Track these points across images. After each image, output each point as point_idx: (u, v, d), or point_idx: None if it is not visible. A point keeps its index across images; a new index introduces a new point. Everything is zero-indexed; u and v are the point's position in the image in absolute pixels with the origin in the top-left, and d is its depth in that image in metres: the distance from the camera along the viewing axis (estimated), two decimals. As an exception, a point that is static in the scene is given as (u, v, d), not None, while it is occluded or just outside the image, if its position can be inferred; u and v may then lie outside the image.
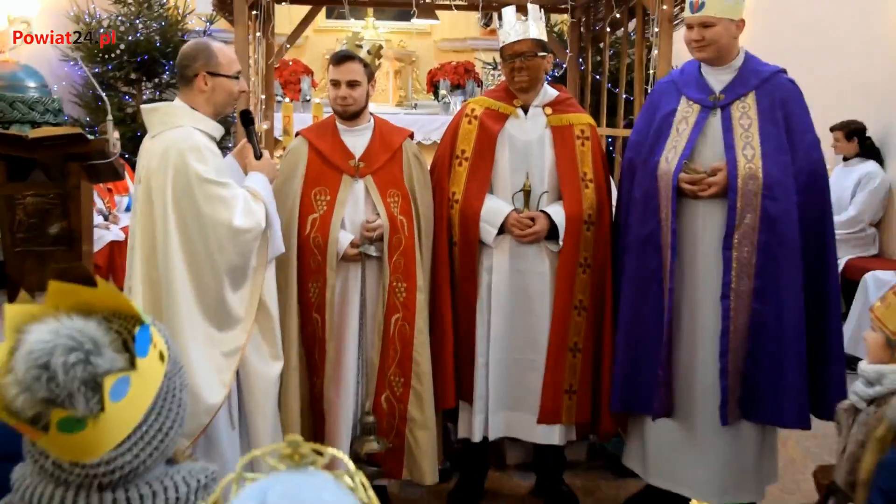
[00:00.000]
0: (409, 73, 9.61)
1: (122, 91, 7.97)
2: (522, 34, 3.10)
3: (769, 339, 2.86)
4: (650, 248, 3.02)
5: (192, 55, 2.64)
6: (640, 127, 3.20)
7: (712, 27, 2.88)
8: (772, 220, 2.83)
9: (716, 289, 2.91)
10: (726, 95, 2.96)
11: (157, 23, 7.83)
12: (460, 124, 3.26)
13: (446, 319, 3.19)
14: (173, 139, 2.54)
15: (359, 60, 3.03)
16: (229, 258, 2.56)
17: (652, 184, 3.01)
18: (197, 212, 2.51)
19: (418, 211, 3.13)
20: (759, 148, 2.87)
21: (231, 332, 2.61)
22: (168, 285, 2.51)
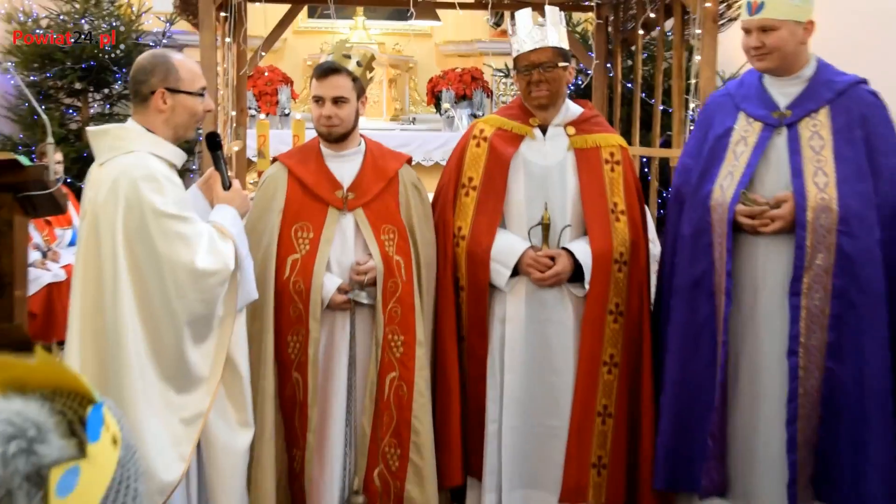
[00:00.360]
0: (406, 82, 9.70)
1: (64, 104, 8.02)
2: (540, 41, 3.16)
3: (848, 404, 2.84)
4: (701, 293, 3.02)
5: (148, 69, 2.67)
6: (690, 149, 3.23)
7: (774, 31, 2.89)
8: (849, 260, 2.82)
9: (781, 343, 2.90)
10: (794, 111, 2.96)
11: (106, 23, 7.90)
12: (467, 147, 3.31)
13: (452, 379, 3.21)
14: (125, 167, 2.57)
15: (346, 73, 3.07)
16: (191, 306, 2.57)
17: (704, 217, 3.02)
18: (152, 251, 2.53)
19: (417, 250, 3.16)
20: (834, 174, 2.86)
21: (192, 394, 2.62)
22: (116, 339, 2.52)
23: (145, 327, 2.55)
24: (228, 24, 5.03)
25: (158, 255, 2.53)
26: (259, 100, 8.69)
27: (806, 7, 2.90)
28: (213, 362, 2.66)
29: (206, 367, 2.64)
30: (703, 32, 4.34)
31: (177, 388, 2.60)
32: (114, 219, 2.53)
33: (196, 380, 2.63)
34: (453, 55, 9.80)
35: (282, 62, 9.37)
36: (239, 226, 2.79)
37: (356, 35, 9.32)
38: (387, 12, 9.26)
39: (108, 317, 2.53)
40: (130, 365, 2.51)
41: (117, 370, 2.52)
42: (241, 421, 2.78)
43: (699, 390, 3.01)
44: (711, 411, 2.96)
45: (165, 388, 2.58)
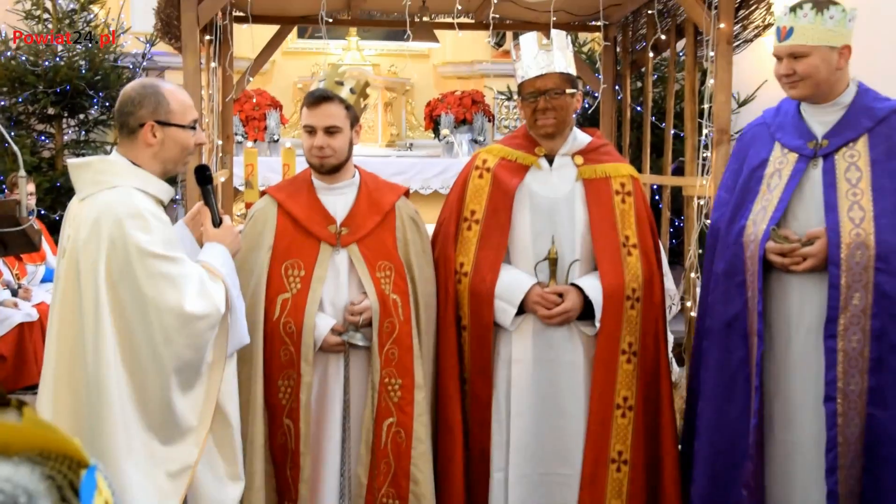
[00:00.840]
0: (402, 106, 9.77)
1: (36, 130, 8.07)
2: (546, 67, 3.20)
3: (893, 454, 2.82)
4: (735, 334, 3.04)
5: (137, 100, 2.67)
6: (726, 181, 3.25)
7: (805, 58, 2.90)
8: (889, 300, 2.82)
9: (816, 388, 2.90)
10: (830, 141, 2.96)
11: (82, 44, 7.97)
12: (469, 179, 3.34)
13: (454, 424, 3.22)
14: (108, 203, 2.56)
15: (339, 101, 3.10)
16: (179, 352, 2.56)
17: (737, 254, 3.04)
18: (138, 294, 2.52)
19: (416, 288, 3.18)
20: (871, 208, 2.86)
21: (178, 446, 2.61)
22: (98, 387, 2.51)
23: (130, 375, 2.54)
24: (213, 47, 5.07)
25: (144, 298, 2.52)
26: (246, 125, 8.73)
27: (840, 31, 2.89)
28: (201, 411, 2.65)
29: (194, 416, 2.63)
30: (716, 55, 4.38)
31: (162, 440, 2.58)
32: (96, 259, 2.52)
33: (183, 430, 2.61)
34: (452, 77, 9.87)
35: (270, 85, 9.43)
36: (230, 265, 2.80)
37: (349, 56, 9.40)
38: (382, 32, 9.33)
39: (88, 363, 2.52)
40: (113, 416, 2.49)
41: (98, 421, 2.50)
42: (230, 474, 2.77)
43: (735, 437, 3.02)
44: (749, 460, 2.96)
45: (150, 439, 2.56)
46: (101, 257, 2.52)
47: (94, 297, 2.52)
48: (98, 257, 2.52)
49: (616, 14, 5.96)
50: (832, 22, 2.87)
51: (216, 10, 4.52)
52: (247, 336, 2.84)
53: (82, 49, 7.91)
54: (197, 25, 4.31)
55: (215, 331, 2.65)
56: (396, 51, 9.66)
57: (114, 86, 7.92)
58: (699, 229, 4.28)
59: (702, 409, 3.13)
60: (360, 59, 9.43)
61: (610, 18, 5.97)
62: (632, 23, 6.13)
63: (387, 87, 9.49)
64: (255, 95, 8.79)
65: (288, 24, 6.07)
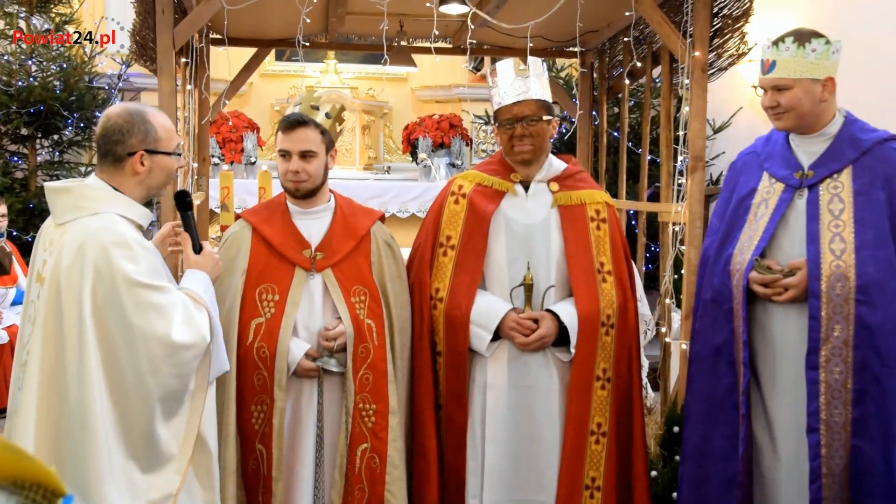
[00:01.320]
0: (380, 129, 9.80)
1: (9, 151, 8.02)
2: (523, 94, 3.22)
3: (879, 484, 2.83)
4: (722, 361, 3.07)
5: (125, 128, 2.66)
6: (718, 209, 3.29)
7: (788, 91, 2.94)
8: (869, 331, 2.83)
9: (800, 418, 2.92)
10: (816, 171, 3.00)
11: (56, 64, 7.95)
12: (445, 204, 3.36)
13: (429, 450, 3.22)
14: (92, 231, 2.54)
15: (314, 126, 3.11)
16: (164, 381, 2.55)
17: (724, 282, 3.07)
18: (125, 323, 2.50)
19: (390, 312, 3.19)
20: (853, 240, 2.88)
21: (160, 474, 2.59)
22: (83, 415, 2.47)
23: (114, 404, 2.51)
24: (189, 70, 5.07)
25: (132, 328, 2.50)
26: (223, 147, 8.71)
27: (823, 64, 2.93)
28: (183, 439, 2.64)
29: (175, 444, 2.62)
30: (692, 82, 4.43)
31: (143, 468, 2.56)
32: (80, 287, 2.49)
33: (164, 459, 2.59)
34: (430, 101, 9.92)
35: (248, 107, 9.44)
36: (211, 293, 2.79)
37: (327, 79, 9.43)
38: (360, 55, 9.37)
39: (71, 393, 2.48)
40: (97, 443, 2.47)
41: (82, 448, 2.47)
42: (208, 501, 2.75)
43: (720, 463, 3.04)
44: (734, 488, 2.98)
45: (132, 467, 2.54)
46: (85, 285, 2.50)
47: (77, 325, 2.49)
48: (83, 285, 2.50)
49: (593, 41, 6.02)
50: (814, 55, 2.91)
51: (192, 33, 4.53)
52: (227, 363, 2.83)
53: (56, 69, 7.88)
54: (173, 48, 4.31)
55: (199, 360, 2.64)
56: (374, 74, 9.71)
57: (88, 106, 7.91)
58: (674, 255, 4.31)
59: (688, 435, 3.16)
60: (338, 82, 9.46)
61: (587, 45, 6.03)
62: (608, 49, 6.19)
63: (365, 110, 9.52)
64: (232, 118, 8.78)
65: (265, 46, 6.09)
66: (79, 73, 7.93)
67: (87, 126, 8.05)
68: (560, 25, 5.28)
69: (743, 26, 4.68)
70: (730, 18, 4.73)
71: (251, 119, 9.08)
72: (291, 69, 9.56)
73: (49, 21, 8.09)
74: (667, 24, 4.58)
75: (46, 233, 2.68)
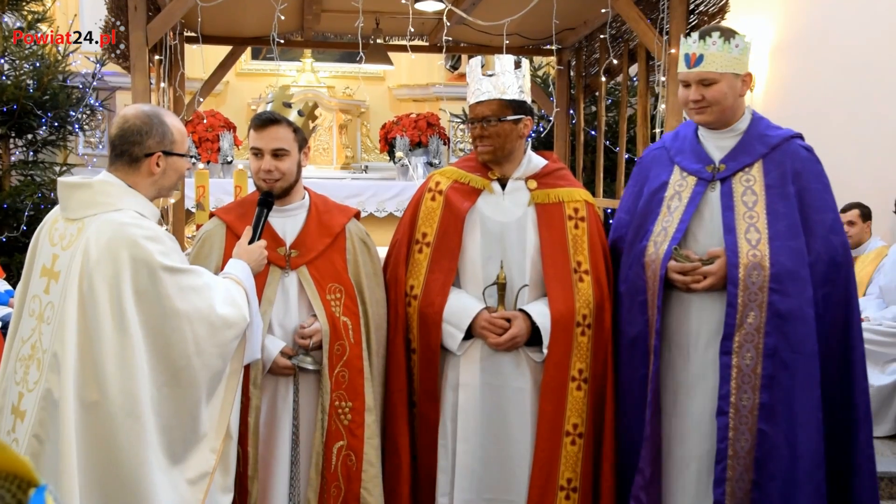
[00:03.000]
0: (357, 128, 9.79)
1: (-19, 151, 7.97)
2: (486, 94, 3.21)
3: (781, 468, 2.92)
4: (638, 352, 3.13)
5: (144, 130, 2.72)
6: (626, 203, 3.34)
7: (714, 84, 3.02)
8: (781, 318, 2.93)
9: (712, 402, 3.00)
10: (727, 165, 3.09)
11: (29, 63, 7.89)
12: (422, 201, 3.36)
13: (401, 448, 3.22)
14: (119, 225, 2.59)
15: (287, 124, 3.09)
16: (209, 362, 2.65)
17: (639, 274, 3.14)
18: (170, 310, 2.58)
19: (366, 310, 3.19)
20: (766, 231, 2.99)
21: (195, 454, 2.67)
22: (131, 408, 2.52)
23: (159, 391, 2.59)
24: (163, 67, 5.06)
25: (176, 312, 2.59)
26: (199, 146, 8.69)
27: (744, 60, 3.04)
28: (218, 420, 2.73)
29: (209, 425, 2.71)
30: (668, 80, 4.46)
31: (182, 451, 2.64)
32: (117, 281, 2.55)
33: (199, 438, 2.68)
34: (408, 100, 9.92)
35: (224, 106, 9.41)
36: (251, 281, 2.89)
37: (304, 78, 9.41)
38: (336, 54, 9.37)
39: (112, 385, 2.52)
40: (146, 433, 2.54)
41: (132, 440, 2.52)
42: (225, 486, 2.81)
43: (637, 452, 3.09)
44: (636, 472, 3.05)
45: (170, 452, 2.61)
46: (124, 277, 2.56)
47: (117, 317, 2.55)
48: (120, 278, 2.55)
49: (570, 38, 6.05)
50: (737, 50, 3.01)
51: (166, 30, 4.52)
52: (259, 350, 2.92)
53: (30, 68, 7.82)
54: (146, 45, 4.30)
55: (239, 339, 2.75)
56: (351, 73, 9.69)
57: (63, 106, 7.85)
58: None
59: (617, 428, 3.22)
60: (314, 81, 9.45)
61: (564, 43, 6.06)
62: (585, 47, 6.22)
63: (342, 109, 9.50)
64: (208, 117, 8.75)
65: (239, 44, 6.09)
66: (52, 71, 7.87)
67: (61, 125, 8.00)
68: (536, 23, 5.31)
69: (719, 23, 4.72)
70: (706, 15, 4.78)
71: (227, 118, 9.06)
72: (267, 68, 9.55)
73: (21, 19, 8.03)
74: (643, 21, 4.61)
75: (54, 227, 2.71)
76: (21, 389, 2.61)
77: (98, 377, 2.53)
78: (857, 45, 6.64)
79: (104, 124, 8.85)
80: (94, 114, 8.34)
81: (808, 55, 7.04)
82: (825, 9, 6.93)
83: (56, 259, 2.63)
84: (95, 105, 8.23)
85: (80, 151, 8.74)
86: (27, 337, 2.65)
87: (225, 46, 6.17)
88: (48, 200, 7.54)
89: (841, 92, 6.64)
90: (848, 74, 6.70)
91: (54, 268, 2.63)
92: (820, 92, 6.73)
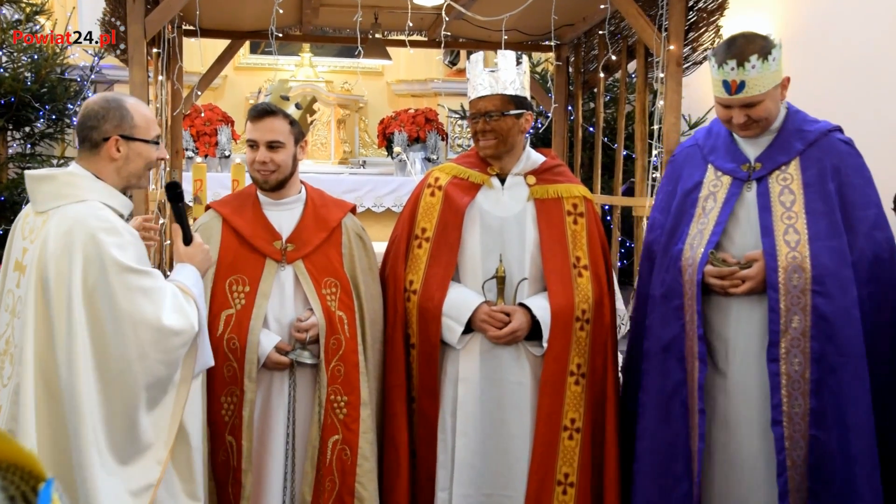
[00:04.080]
0: (355, 123, 9.77)
1: (-21, 143, 7.95)
2: (489, 88, 3.21)
3: (835, 474, 2.84)
4: (672, 357, 3.05)
5: (101, 114, 2.69)
6: (660, 203, 3.28)
7: (760, 104, 2.91)
8: (826, 322, 2.83)
9: (758, 411, 2.92)
10: (763, 164, 3.00)
11: (27, 55, 7.87)
12: (421, 197, 3.35)
13: (400, 442, 3.22)
14: (79, 217, 2.55)
15: (283, 116, 3.09)
16: (151, 368, 2.56)
17: (675, 278, 3.05)
18: (115, 308, 2.52)
19: (361, 304, 3.18)
20: (806, 231, 2.89)
21: (138, 463, 2.60)
22: (73, 403, 2.49)
23: (100, 391, 2.53)
24: (161, 61, 5.05)
25: (121, 313, 2.52)
26: (197, 140, 8.67)
27: (780, 67, 2.92)
28: (167, 430, 2.65)
29: (155, 434, 2.63)
30: (666, 77, 4.45)
31: (122, 458, 2.57)
32: (69, 273, 2.51)
33: (142, 448, 2.60)
34: (406, 95, 9.90)
35: (222, 100, 9.39)
36: (200, 287, 2.81)
37: (303, 72, 9.39)
38: (335, 49, 9.35)
39: (62, 378, 2.50)
40: (87, 431, 2.49)
41: (74, 436, 2.49)
42: (187, 492, 2.75)
43: (671, 459, 3.04)
44: (683, 482, 2.99)
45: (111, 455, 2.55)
46: (75, 270, 2.51)
47: (66, 311, 2.51)
48: (72, 270, 2.51)
49: (568, 34, 6.04)
50: (775, 63, 2.90)
51: (164, 23, 4.50)
52: (211, 358, 2.82)
53: (28, 60, 7.81)
54: (144, 38, 4.29)
55: (186, 348, 2.66)
56: (350, 67, 9.66)
57: (60, 98, 7.83)
58: (648, 249, 4.32)
59: (642, 432, 3.14)
60: (313, 76, 9.42)
61: (562, 39, 6.04)
62: (584, 43, 6.21)
63: (340, 104, 9.48)
64: (206, 111, 8.73)
65: (238, 38, 6.07)
66: (50, 64, 7.85)
67: (59, 118, 7.98)
68: (535, 19, 5.30)
69: (718, 20, 4.71)
70: (705, 12, 4.76)
71: (225, 112, 9.03)
72: (266, 62, 9.52)
73: (19, 11, 8.01)
74: (642, 17, 4.60)
75: (25, 221, 2.69)
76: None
77: (49, 371, 2.51)
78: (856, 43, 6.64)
79: (102, 117, 8.80)
80: (92, 107, 8.31)
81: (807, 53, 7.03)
82: (824, 6, 6.92)
83: (25, 252, 2.61)
84: (93, 98, 8.20)
85: (77, 145, 8.71)
86: (2, 332, 2.64)
87: (223, 40, 6.15)
88: (45, 193, 7.52)
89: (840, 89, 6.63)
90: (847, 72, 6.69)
91: (23, 261, 2.61)
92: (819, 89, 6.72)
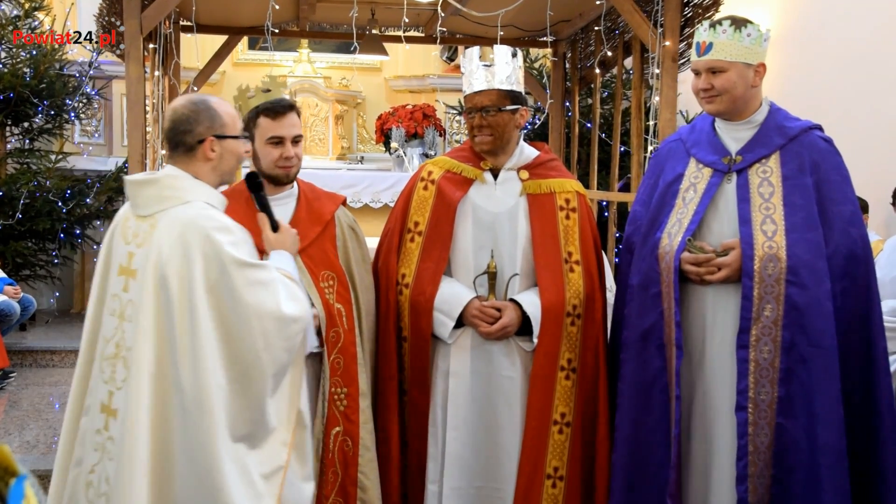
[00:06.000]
0: (353, 119, 9.77)
1: (-23, 139, 7.95)
2: (486, 83, 3.21)
3: (800, 463, 2.88)
4: (651, 345, 3.08)
5: (192, 118, 2.72)
6: (641, 195, 3.30)
7: (723, 73, 2.98)
8: (798, 312, 2.88)
9: (730, 397, 2.96)
10: (744, 157, 3.05)
11: (26, 51, 7.86)
12: (414, 190, 3.35)
13: (391, 434, 3.23)
14: (190, 219, 2.61)
15: (296, 110, 3.16)
16: (277, 356, 2.65)
17: (652, 266, 3.09)
18: (240, 304, 2.59)
19: (357, 296, 3.20)
20: (783, 222, 2.94)
21: (265, 448, 2.68)
22: (202, 402, 2.54)
23: (230, 386, 2.60)
24: (158, 56, 5.03)
25: (245, 307, 2.59)
26: (194, 136, 8.65)
27: (756, 49, 2.99)
28: (286, 413, 2.74)
29: (277, 418, 2.71)
30: (662, 73, 4.45)
31: (251, 445, 2.65)
32: (189, 275, 2.57)
33: (268, 432, 2.69)
34: (404, 91, 9.90)
35: (220, 96, 9.35)
36: (296, 271, 2.90)
37: (301, 68, 9.39)
38: (333, 45, 9.35)
39: (185, 381, 2.54)
40: (217, 428, 2.55)
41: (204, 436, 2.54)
42: (304, 474, 2.82)
43: (652, 447, 3.06)
44: (666, 469, 3.01)
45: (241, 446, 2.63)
46: (195, 272, 2.57)
47: (189, 312, 2.57)
48: (192, 272, 2.57)
49: (565, 30, 6.03)
50: (749, 40, 2.97)
51: (160, 19, 4.49)
52: (315, 341, 2.95)
53: (26, 56, 7.80)
54: (140, 33, 4.28)
55: (303, 334, 2.76)
56: (348, 64, 9.67)
57: (59, 94, 7.83)
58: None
59: (620, 422, 3.16)
60: (311, 72, 9.42)
61: (559, 35, 6.04)
62: (580, 39, 6.20)
63: (338, 99, 9.49)
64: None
65: (234, 34, 6.07)
66: (49, 60, 7.86)
67: (57, 113, 7.98)
68: (531, 14, 5.29)
69: (713, 15, 4.70)
70: (700, 8, 4.76)
71: (224, 108, 9.01)
72: (264, 58, 9.52)
73: (18, 7, 8.00)
74: (638, 13, 4.60)
75: (126, 225, 2.73)
76: (110, 388, 2.64)
77: (172, 372, 2.56)
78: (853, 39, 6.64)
79: (100, 113, 8.82)
80: (91, 102, 8.33)
81: (804, 48, 7.03)
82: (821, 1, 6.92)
83: (132, 257, 2.66)
84: (92, 93, 8.21)
85: (76, 140, 8.71)
86: (110, 336, 2.67)
87: (220, 36, 6.14)
88: (43, 188, 7.54)
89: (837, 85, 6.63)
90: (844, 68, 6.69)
91: (131, 266, 2.66)
92: (816, 85, 6.73)
